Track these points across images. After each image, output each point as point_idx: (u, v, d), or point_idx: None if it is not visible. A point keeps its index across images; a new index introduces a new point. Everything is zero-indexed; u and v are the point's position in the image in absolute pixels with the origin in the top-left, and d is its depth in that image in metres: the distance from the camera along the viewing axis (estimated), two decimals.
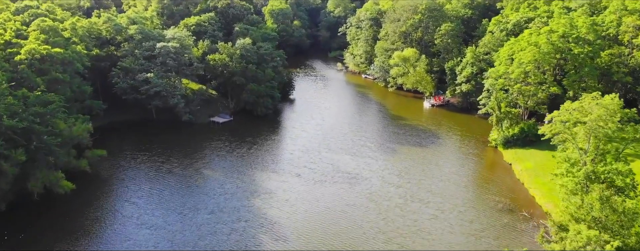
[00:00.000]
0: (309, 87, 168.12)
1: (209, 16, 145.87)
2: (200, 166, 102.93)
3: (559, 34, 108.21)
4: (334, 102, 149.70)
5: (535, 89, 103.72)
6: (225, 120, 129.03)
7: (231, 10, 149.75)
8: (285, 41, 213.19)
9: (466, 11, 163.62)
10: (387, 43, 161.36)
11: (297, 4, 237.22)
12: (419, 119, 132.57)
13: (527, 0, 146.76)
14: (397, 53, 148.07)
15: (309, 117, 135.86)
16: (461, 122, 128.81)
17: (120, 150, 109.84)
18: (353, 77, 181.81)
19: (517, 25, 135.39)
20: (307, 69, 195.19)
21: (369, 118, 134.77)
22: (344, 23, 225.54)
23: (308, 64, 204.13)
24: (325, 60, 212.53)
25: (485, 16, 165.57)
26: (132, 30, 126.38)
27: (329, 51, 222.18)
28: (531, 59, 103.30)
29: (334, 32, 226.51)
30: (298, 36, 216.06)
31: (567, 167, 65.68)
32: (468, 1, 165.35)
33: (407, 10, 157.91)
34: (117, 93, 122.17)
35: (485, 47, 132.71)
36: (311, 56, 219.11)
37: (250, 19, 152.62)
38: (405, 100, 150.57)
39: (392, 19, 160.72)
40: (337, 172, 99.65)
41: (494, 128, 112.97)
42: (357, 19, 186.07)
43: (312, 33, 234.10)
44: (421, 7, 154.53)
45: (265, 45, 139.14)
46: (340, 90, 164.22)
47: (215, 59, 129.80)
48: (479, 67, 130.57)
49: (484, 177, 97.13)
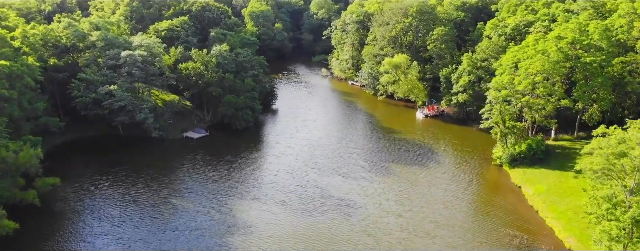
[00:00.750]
0: (293, 95, 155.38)
1: (182, 20, 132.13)
2: (170, 193, 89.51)
3: (568, 41, 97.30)
4: (321, 113, 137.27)
5: (544, 102, 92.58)
6: (201, 135, 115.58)
7: (207, 13, 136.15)
8: (266, 45, 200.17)
9: (458, 14, 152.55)
10: (376, 48, 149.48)
11: (278, 5, 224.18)
12: (413, 132, 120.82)
13: (525, 2, 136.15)
14: (387, 59, 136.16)
15: (294, 130, 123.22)
16: (459, 135, 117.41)
17: (79, 175, 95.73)
18: (339, 84, 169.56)
19: (516, 30, 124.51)
20: (290, 75, 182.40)
21: (359, 132, 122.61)
22: (328, 26, 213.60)
23: (291, 69, 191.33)
24: (309, 65, 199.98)
25: (478, 19, 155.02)
26: (94, 37, 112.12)
27: (312, 55, 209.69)
28: (540, 69, 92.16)
29: (317, 35, 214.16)
30: (280, 40, 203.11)
31: (609, 208, 54.20)
32: (460, 3, 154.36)
33: (396, 13, 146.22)
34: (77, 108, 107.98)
35: (483, 53, 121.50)
36: (294, 61, 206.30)
37: (227, 23, 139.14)
38: (396, 109, 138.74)
39: (381, 23, 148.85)
40: (328, 197, 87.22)
41: (497, 144, 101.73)
42: (343, 22, 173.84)
43: (295, 36, 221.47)
44: (412, 10, 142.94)
45: (245, 52, 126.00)
46: (327, 99, 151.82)
47: (188, 67, 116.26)
48: (477, 75, 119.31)
49: (492, 202, 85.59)
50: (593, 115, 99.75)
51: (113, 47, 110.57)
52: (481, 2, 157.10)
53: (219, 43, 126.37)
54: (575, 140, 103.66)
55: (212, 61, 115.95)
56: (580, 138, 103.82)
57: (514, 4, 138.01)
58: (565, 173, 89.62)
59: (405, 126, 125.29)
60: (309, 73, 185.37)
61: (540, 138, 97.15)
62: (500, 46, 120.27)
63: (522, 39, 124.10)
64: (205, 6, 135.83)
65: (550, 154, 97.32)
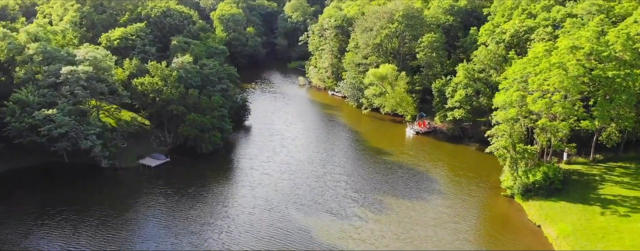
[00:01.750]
0: (268, 108, 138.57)
1: (139, 27, 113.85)
2: (120, 242, 71.99)
3: (585, 52, 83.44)
4: (300, 129, 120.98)
5: (563, 125, 78.34)
6: (160, 162, 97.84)
7: (167, 19, 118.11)
8: (238, 52, 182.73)
9: (447, 18, 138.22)
10: (358, 56, 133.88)
11: (250, 8, 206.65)
12: (405, 152, 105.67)
13: (521, 6, 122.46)
14: (372, 70, 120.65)
15: (271, 151, 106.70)
16: (457, 156, 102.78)
17: (6, 218, 77.33)
18: (318, 94, 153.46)
19: (516, 36, 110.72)
20: (264, 84, 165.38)
21: (345, 152, 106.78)
22: (304, 30, 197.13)
23: (265, 78, 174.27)
24: (285, 72, 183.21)
25: (467, 24, 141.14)
26: (31, 50, 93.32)
27: (288, 61, 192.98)
28: (559, 86, 77.92)
29: (292, 40, 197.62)
30: (252, 45, 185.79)
31: None
32: (448, 6, 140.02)
33: (380, 17, 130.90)
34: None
35: (481, 64, 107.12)
36: (268, 68, 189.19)
37: (192, 30, 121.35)
38: (383, 125, 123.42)
39: (363, 28, 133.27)
40: (317, 244, 71.14)
41: (505, 171, 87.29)
42: (320, 27, 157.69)
43: (269, 41, 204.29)
44: (397, 14, 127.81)
45: (212, 63, 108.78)
46: (306, 112, 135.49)
47: (144, 83, 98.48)
48: (475, 88, 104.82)
49: (510, 246, 70.88)
50: (611, 136, 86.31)
51: (54, 61, 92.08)
52: (470, 4, 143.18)
53: (181, 53, 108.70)
54: (591, 164, 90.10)
55: (172, 75, 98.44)
56: (597, 161, 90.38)
57: (508, 7, 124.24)
58: (590, 208, 75.65)
59: (395, 145, 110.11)
60: (285, 82, 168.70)
61: (556, 166, 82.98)
62: (500, 55, 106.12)
63: (523, 46, 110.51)
64: (165, 11, 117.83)
65: (567, 183, 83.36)
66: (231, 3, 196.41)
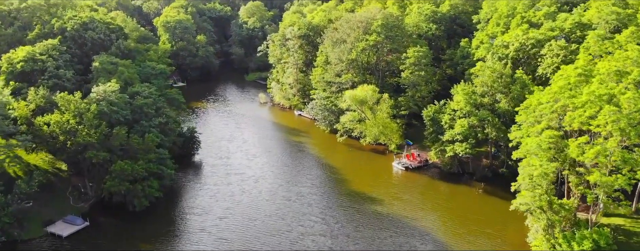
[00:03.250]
0: (224, 134, 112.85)
1: (51, 45, 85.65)
2: None
3: (636, 78, 62.67)
4: (264, 165, 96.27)
5: (623, 181, 57.07)
6: (75, 228, 70.98)
7: (89, 33, 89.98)
8: (187, 64, 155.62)
9: (429, 26, 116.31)
10: (329, 73, 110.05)
11: (199, 12, 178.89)
12: (396, 196, 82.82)
13: (518, 12, 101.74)
14: (349, 93, 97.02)
15: (229, 199, 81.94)
16: (460, 201, 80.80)
17: None
18: (283, 115, 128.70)
19: (522, 51, 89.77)
20: (219, 102, 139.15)
21: (323, 200, 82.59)
22: (262, 37, 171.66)
23: (219, 94, 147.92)
24: (243, 86, 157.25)
25: (451, 32, 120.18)
26: None
27: (245, 73, 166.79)
28: (613, 128, 56.59)
29: (250, 48, 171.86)
30: (204, 56, 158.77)
31: None
32: (430, 13, 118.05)
33: (354, 27, 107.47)
34: None
35: (485, 86, 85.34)
36: (223, 81, 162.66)
37: (122, 46, 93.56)
38: (364, 157, 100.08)
39: (335, 40, 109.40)
40: None
41: (536, 232, 65.71)
42: (282, 37, 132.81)
43: (223, 49, 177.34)
44: (375, 23, 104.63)
45: (147, 90, 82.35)
46: (269, 140, 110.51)
47: (50, 122, 71.22)
48: (479, 116, 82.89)
49: None
50: None
51: None
52: (453, 10, 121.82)
53: (106, 78, 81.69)
54: (635, 217, 69.84)
55: (90, 110, 71.59)
56: None
57: (504, 15, 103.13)
58: None
59: (381, 185, 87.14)
60: (243, 99, 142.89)
61: (606, 231, 61.76)
62: (507, 75, 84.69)
63: (532, 64, 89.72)
64: (87, 23, 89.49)
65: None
66: (178, 8, 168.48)
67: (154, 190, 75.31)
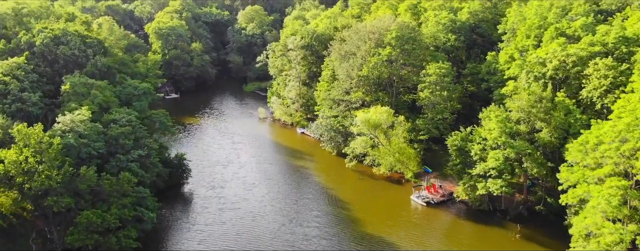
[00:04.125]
0: (218, 158, 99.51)
1: (16, 63, 71.86)
2: None
3: None
4: (264, 197, 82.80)
5: None
6: None
7: (61, 49, 75.91)
8: (180, 74, 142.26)
9: (447, 37, 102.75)
10: (337, 90, 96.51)
11: (195, 17, 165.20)
12: (420, 241, 69.37)
13: (549, 22, 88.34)
14: (361, 117, 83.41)
15: (222, 243, 68.63)
16: (497, 247, 67.40)
17: None
18: (284, 133, 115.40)
19: (563, 70, 76.30)
20: (214, 118, 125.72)
21: (334, 245, 69.03)
22: (262, 44, 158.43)
23: (215, 107, 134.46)
24: (241, 98, 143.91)
25: (470, 43, 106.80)
26: None
27: (244, 83, 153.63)
28: None
29: (249, 56, 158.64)
30: (199, 65, 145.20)
31: None
32: (448, 22, 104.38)
33: (365, 39, 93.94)
34: None
35: (522, 112, 71.88)
36: (220, 92, 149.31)
37: (99, 64, 79.50)
38: (378, 187, 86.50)
39: (343, 54, 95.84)
40: None
41: None
42: (283, 47, 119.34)
43: (220, 57, 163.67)
44: (389, 36, 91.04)
45: (125, 117, 68.81)
46: (269, 165, 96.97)
47: (3, 161, 57.70)
48: (517, 149, 69.43)
49: None
50: None
51: None
52: (473, 18, 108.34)
53: (77, 102, 68.14)
54: None
55: (52, 147, 58.10)
56: None
57: (535, 26, 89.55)
58: None
59: (402, 226, 73.83)
60: (241, 114, 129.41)
61: None
62: (547, 100, 71.26)
63: (574, 85, 76.28)
64: (59, 37, 75.32)
65: None
66: (172, 13, 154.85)
67: (130, 241, 61.81)
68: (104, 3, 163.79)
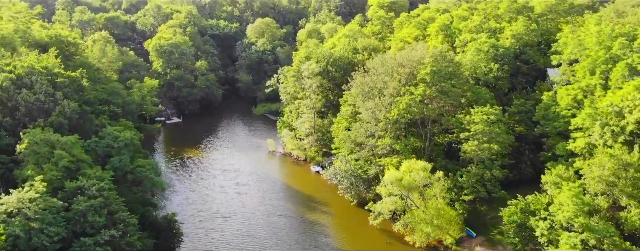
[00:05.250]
0: (218, 206, 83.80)
1: None
2: None
3: None
4: None
5: None
6: None
7: (23, 94, 57.78)
8: (183, 96, 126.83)
9: (490, 66, 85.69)
10: (359, 131, 80.00)
11: (201, 31, 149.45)
12: None
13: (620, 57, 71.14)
14: (390, 176, 66.83)
15: None
16: None
17: None
18: (296, 171, 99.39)
19: None
20: (217, 148, 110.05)
21: None
22: (274, 61, 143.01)
23: (219, 135, 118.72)
24: (249, 122, 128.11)
25: (515, 71, 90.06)
26: None
27: (253, 104, 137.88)
28: None
29: (259, 74, 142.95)
30: (203, 86, 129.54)
31: None
32: (488, 48, 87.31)
33: (394, 73, 77.26)
34: None
35: (602, 183, 54.90)
36: (226, 115, 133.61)
37: (67, 111, 62.55)
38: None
39: (367, 90, 79.25)
40: None
41: None
42: (296, 72, 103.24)
43: (228, 75, 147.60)
44: (423, 71, 74.22)
45: (96, 184, 53.10)
46: (278, 217, 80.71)
47: None
48: (598, 234, 52.56)
49: None
50: None
51: None
52: (518, 43, 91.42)
53: (37, 164, 52.54)
54: None
55: None
56: None
57: (601, 60, 72.25)
58: None
59: None
60: (248, 144, 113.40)
61: None
62: (636, 169, 54.26)
63: None
64: (21, 77, 58.71)
65: None
66: (175, 27, 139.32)
67: None
68: (103, 15, 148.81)
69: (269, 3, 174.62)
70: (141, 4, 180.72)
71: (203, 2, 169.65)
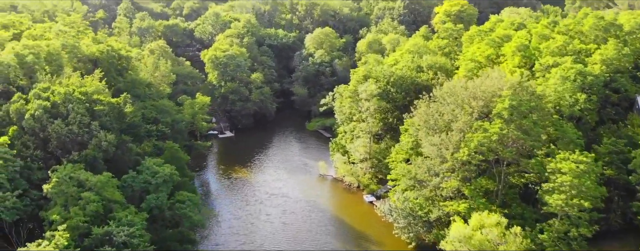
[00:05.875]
0: (261, 238, 77.49)
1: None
2: None
3: None
4: None
5: None
6: None
7: (55, 125, 53.62)
8: (237, 110, 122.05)
9: (576, 97, 73.07)
10: (422, 170, 70.33)
11: (259, 41, 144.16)
12: None
13: None
14: (457, 231, 57.09)
15: None
16: None
17: None
18: (348, 201, 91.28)
19: None
20: (266, 168, 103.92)
21: None
22: (331, 73, 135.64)
23: (270, 152, 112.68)
24: (301, 139, 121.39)
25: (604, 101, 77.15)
26: None
27: (307, 118, 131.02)
28: None
29: (315, 86, 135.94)
30: (258, 100, 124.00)
31: None
32: (577, 76, 74.71)
33: (464, 105, 66.98)
34: None
35: None
36: (279, 129, 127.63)
37: (103, 144, 57.31)
38: None
39: (433, 123, 69.36)
40: None
41: None
42: (353, 92, 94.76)
43: (283, 87, 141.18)
44: (501, 105, 63.52)
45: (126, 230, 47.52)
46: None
47: None
48: None
49: None
50: None
51: None
52: (608, 68, 78.24)
53: (64, 207, 47.56)
54: None
55: None
56: None
57: None
58: None
59: None
60: (298, 165, 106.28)
61: None
62: None
63: None
64: (57, 104, 53.92)
65: None
66: (233, 36, 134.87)
67: None
68: (162, 22, 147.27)
69: (330, 10, 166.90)
70: (202, 10, 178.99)
71: (262, 9, 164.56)
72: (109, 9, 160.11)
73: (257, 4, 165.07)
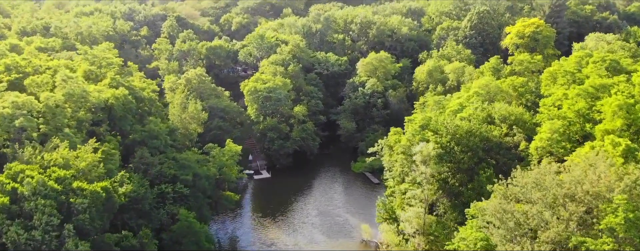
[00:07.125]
0: None
1: None
2: None
3: None
4: None
5: None
6: None
7: (11, 230, 40.83)
8: (275, 149, 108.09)
9: None
10: None
11: (306, 67, 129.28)
12: None
13: None
14: None
15: None
16: None
17: None
18: None
19: None
20: (299, 225, 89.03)
21: None
22: (383, 105, 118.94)
23: (307, 201, 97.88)
24: (345, 185, 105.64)
25: None
26: None
27: (353, 157, 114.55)
28: None
29: (364, 120, 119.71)
30: (299, 137, 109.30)
31: None
32: None
33: (557, 204, 48.43)
34: None
35: None
36: (320, 172, 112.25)
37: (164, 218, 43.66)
38: None
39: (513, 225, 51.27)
40: None
41: None
42: (406, 154, 77.41)
43: (329, 118, 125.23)
44: (613, 219, 44.41)
45: None
46: None
47: None
48: None
49: None
50: None
51: None
52: None
53: None
54: None
55: None
56: None
57: None
58: None
59: None
60: (337, 222, 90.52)
61: None
62: None
63: None
64: (24, 197, 41.52)
65: None
66: (278, 64, 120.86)
67: None
68: (204, 44, 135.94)
69: (387, 30, 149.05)
70: (251, 26, 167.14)
71: (313, 28, 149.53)
72: (154, 26, 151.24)
73: (308, 22, 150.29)
